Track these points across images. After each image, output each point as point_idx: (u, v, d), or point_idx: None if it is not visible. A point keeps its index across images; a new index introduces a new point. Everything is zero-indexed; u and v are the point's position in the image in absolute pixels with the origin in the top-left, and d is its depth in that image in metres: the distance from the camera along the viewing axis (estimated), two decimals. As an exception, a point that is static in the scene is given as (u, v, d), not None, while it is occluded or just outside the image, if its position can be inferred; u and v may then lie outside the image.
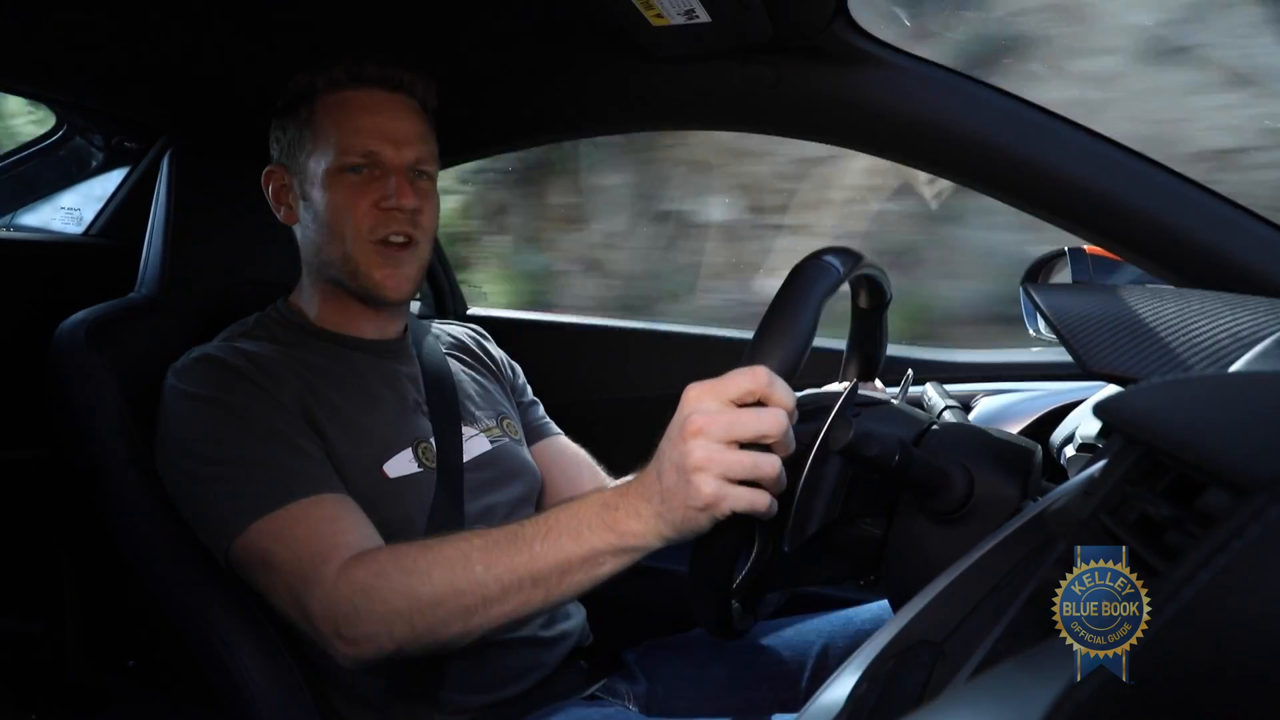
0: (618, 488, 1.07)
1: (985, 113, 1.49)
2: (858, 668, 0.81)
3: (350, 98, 1.48)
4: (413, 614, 1.14)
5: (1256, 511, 0.44)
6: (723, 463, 0.95)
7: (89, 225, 2.01)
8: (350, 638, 1.17)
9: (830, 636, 1.55)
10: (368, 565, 1.18)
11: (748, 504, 0.96)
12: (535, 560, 1.08)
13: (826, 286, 0.99)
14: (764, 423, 0.94)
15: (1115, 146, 1.45)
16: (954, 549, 0.93)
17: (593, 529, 1.05)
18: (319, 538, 1.23)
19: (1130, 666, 0.47)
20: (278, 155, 1.53)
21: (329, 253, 1.48)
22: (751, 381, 0.95)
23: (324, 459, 1.34)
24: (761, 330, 0.97)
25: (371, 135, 1.46)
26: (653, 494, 1.01)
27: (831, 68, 1.52)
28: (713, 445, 0.95)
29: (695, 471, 0.95)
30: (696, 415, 0.96)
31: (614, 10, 1.39)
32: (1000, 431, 1.19)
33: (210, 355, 1.39)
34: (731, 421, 0.95)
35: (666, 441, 1.00)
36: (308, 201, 1.49)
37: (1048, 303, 0.98)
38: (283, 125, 1.52)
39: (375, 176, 1.46)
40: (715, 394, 0.96)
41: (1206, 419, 0.57)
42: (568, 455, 1.77)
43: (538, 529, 1.09)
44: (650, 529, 1.02)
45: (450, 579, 1.12)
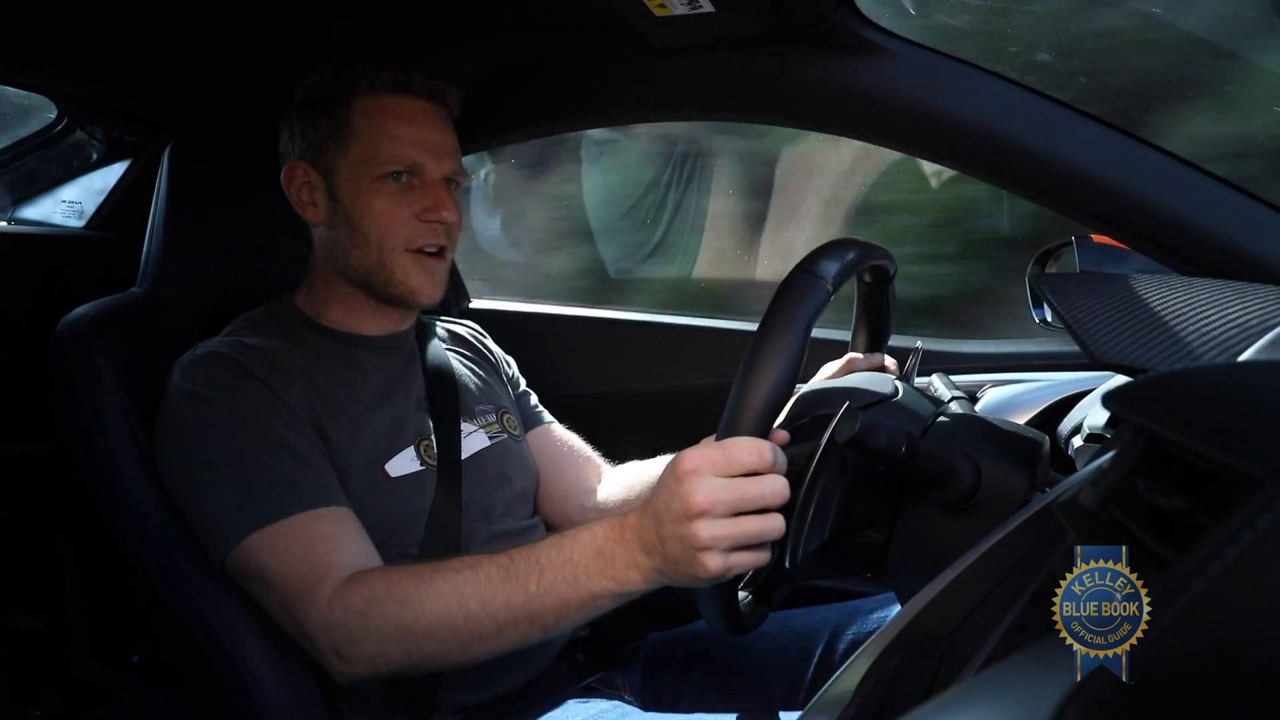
0: (612, 531, 1.07)
1: (992, 101, 1.48)
2: (866, 660, 0.81)
3: (392, 104, 1.47)
4: (408, 644, 1.15)
5: (1267, 502, 0.44)
6: (729, 538, 0.97)
7: (89, 219, 2.01)
8: (347, 658, 1.18)
9: (837, 626, 1.55)
10: (362, 591, 1.18)
11: (753, 564, 0.99)
12: (532, 601, 1.09)
13: (815, 306, 0.96)
14: (766, 495, 0.97)
15: (1123, 134, 1.44)
16: (961, 541, 0.92)
17: (590, 575, 1.06)
18: (315, 555, 1.23)
19: (1141, 659, 0.46)
20: (300, 151, 1.50)
21: (359, 257, 1.47)
22: (754, 459, 0.96)
23: (326, 467, 1.34)
24: (746, 374, 0.96)
25: (415, 146, 1.45)
26: (653, 552, 1.02)
27: (836, 57, 1.52)
28: (717, 524, 0.96)
29: (702, 551, 0.97)
30: (698, 494, 0.96)
31: (618, 1, 1.38)
32: (1007, 422, 1.18)
33: (218, 353, 1.38)
34: (735, 500, 0.96)
35: (666, 510, 1.00)
36: (337, 203, 1.47)
37: (1055, 292, 0.97)
38: (311, 121, 1.48)
39: (414, 186, 1.46)
40: (717, 470, 0.97)
41: (1216, 409, 0.57)
42: (562, 443, 1.77)
43: (530, 567, 1.10)
44: (649, 579, 1.05)
45: (445, 614, 1.13)
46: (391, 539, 1.39)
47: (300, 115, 1.50)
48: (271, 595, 1.25)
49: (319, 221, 1.50)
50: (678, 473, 0.98)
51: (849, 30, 1.48)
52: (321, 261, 1.54)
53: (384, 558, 1.34)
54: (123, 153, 2.00)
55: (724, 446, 0.96)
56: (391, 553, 1.39)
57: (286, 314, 1.53)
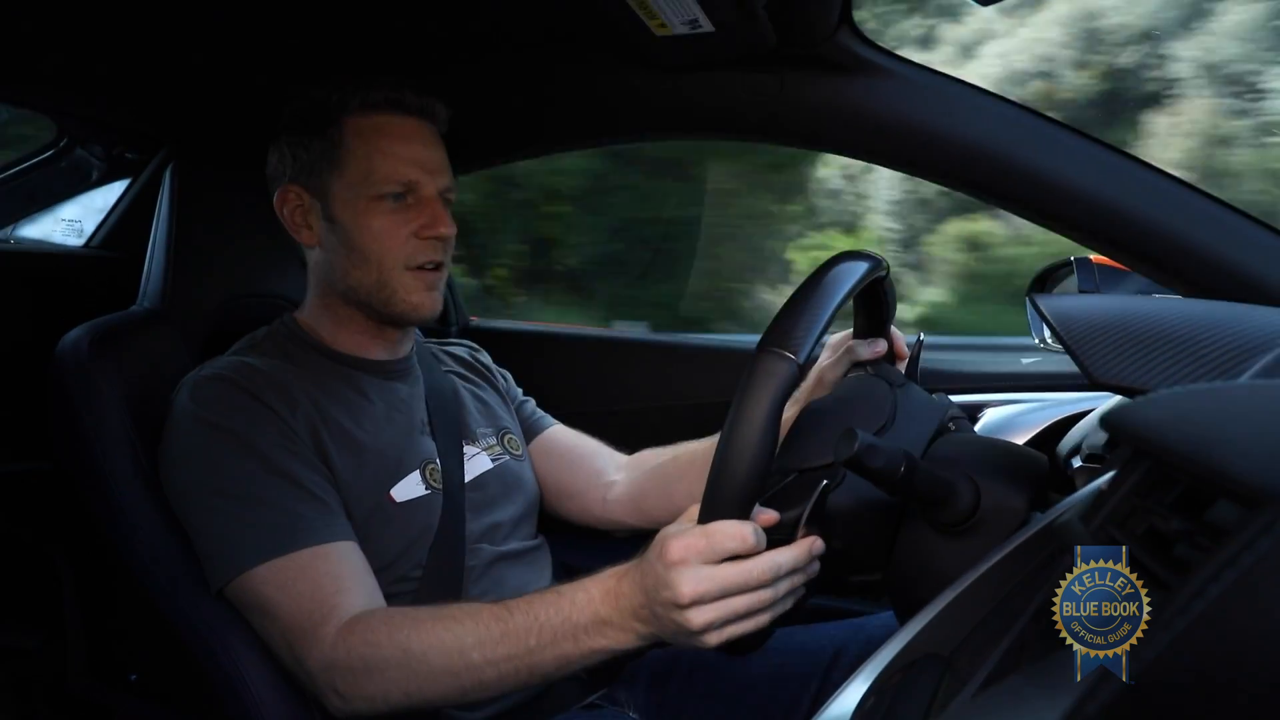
0: (608, 598, 1.10)
1: (991, 122, 1.48)
2: (865, 680, 0.80)
3: (384, 123, 1.46)
4: (409, 687, 1.18)
5: (1267, 525, 0.44)
6: (724, 615, 1.00)
7: (90, 237, 2.01)
8: (346, 697, 1.20)
9: (842, 643, 1.54)
10: (365, 636, 1.20)
11: (751, 630, 1.03)
12: (532, 654, 1.12)
13: (785, 388, 0.96)
14: (751, 578, 0.99)
15: (1121, 155, 1.44)
16: (961, 561, 0.92)
17: (589, 634, 1.10)
18: (319, 595, 1.24)
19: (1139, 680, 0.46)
20: (291, 174, 1.49)
21: (358, 277, 1.47)
22: (737, 544, 0.99)
23: (333, 499, 1.35)
24: (723, 457, 0.97)
25: (410, 164, 1.45)
26: (648, 622, 1.06)
27: (836, 76, 1.52)
28: (708, 609, 0.99)
29: (701, 633, 1.01)
30: (685, 585, 0.99)
31: (617, 20, 1.39)
32: (1006, 443, 1.18)
33: (226, 376, 1.37)
34: (722, 587, 0.99)
35: (656, 596, 1.03)
36: (333, 224, 1.46)
37: (1054, 312, 0.97)
38: (302, 143, 1.47)
39: (410, 205, 1.46)
40: (703, 559, 0.99)
41: (1215, 430, 0.57)
42: (570, 441, 1.78)
43: (530, 623, 1.13)
44: (647, 639, 1.09)
45: (447, 664, 1.16)
46: (396, 563, 1.39)
47: (290, 137, 1.49)
48: (273, 629, 1.26)
49: (314, 244, 1.50)
50: (665, 560, 1.01)
51: (849, 50, 1.48)
52: (318, 284, 1.53)
53: (387, 583, 1.35)
54: (123, 171, 2.00)
55: (707, 534, 0.99)
56: (394, 576, 1.39)
57: (291, 335, 1.52)
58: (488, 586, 1.47)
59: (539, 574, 1.58)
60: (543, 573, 1.59)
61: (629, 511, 1.67)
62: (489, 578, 1.48)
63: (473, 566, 1.46)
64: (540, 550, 1.63)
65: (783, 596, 1.02)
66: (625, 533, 1.70)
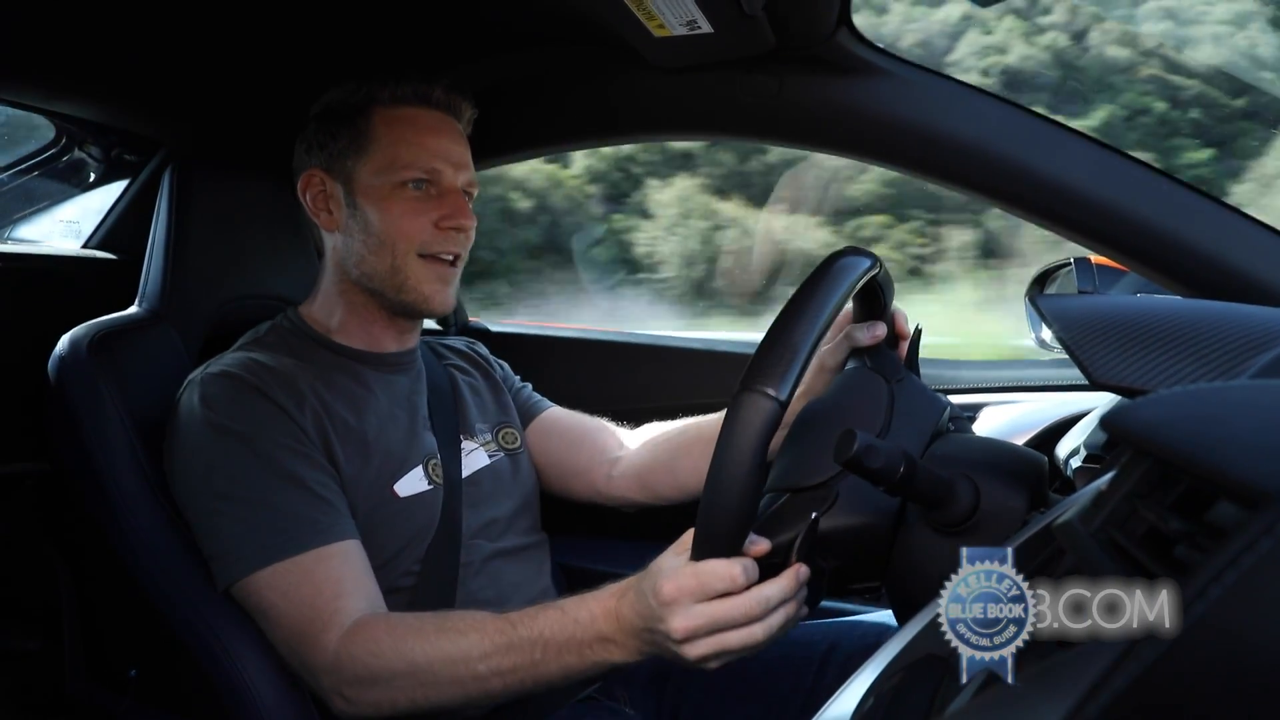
0: (609, 620, 1.12)
1: (989, 122, 1.48)
2: (865, 681, 0.80)
3: (413, 115, 1.50)
4: (415, 695, 1.20)
5: (1268, 525, 0.44)
6: (721, 648, 1.02)
7: (88, 238, 2.01)
8: (351, 700, 1.23)
9: (837, 639, 1.55)
10: (367, 645, 1.21)
11: (750, 654, 1.05)
12: (538, 667, 1.15)
13: (769, 427, 0.95)
14: (740, 615, 1.01)
15: (1120, 155, 1.44)
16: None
17: (593, 650, 1.12)
18: (322, 599, 1.25)
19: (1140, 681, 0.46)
20: (318, 160, 1.52)
21: (374, 263, 1.48)
22: (727, 584, 1.01)
23: (338, 497, 1.35)
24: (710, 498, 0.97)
25: (434, 155, 1.48)
26: (649, 645, 1.09)
27: (834, 77, 1.52)
28: (702, 643, 1.02)
29: (700, 662, 1.04)
30: (677, 622, 1.01)
31: (616, 21, 1.39)
32: (1006, 443, 1.18)
33: (233, 374, 1.38)
34: (713, 624, 1.01)
35: (651, 631, 1.06)
36: (355, 210, 1.49)
37: (1053, 313, 0.97)
38: (330, 131, 1.50)
39: (433, 195, 1.48)
40: (695, 598, 1.01)
41: (1216, 430, 0.57)
42: (569, 421, 1.79)
43: (534, 637, 1.15)
44: (651, 656, 1.11)
45: (453, 675, 1.18)
46: (396, 558, 1.40)
47: (319, 126, 1.52)
48: (276, 632, 1.28)
49: (335, 228, 1.51)
50: (659, 597, 1.03)
51: (848, 51, 1.48)
52: (333, 270, 1.55)
53: (386, 580, 1.36)
54: (121, 172, 2.00)
55: (697, 575, 1.01)
56: (394, 573, 1.40)
57: (295, 329, 1.54)
58: (484, 582, 1.48)
59: (536, 571, 1.59)
60: (540, 570, 1.60)
61: (634, 487, 1.67)
62: (485, 573, 1.49)
63: (469, 562, 1.47)
64: (539, 547, 1.64)
65: (776, 628, 1.03)
66: (632, 509, 1.70)
